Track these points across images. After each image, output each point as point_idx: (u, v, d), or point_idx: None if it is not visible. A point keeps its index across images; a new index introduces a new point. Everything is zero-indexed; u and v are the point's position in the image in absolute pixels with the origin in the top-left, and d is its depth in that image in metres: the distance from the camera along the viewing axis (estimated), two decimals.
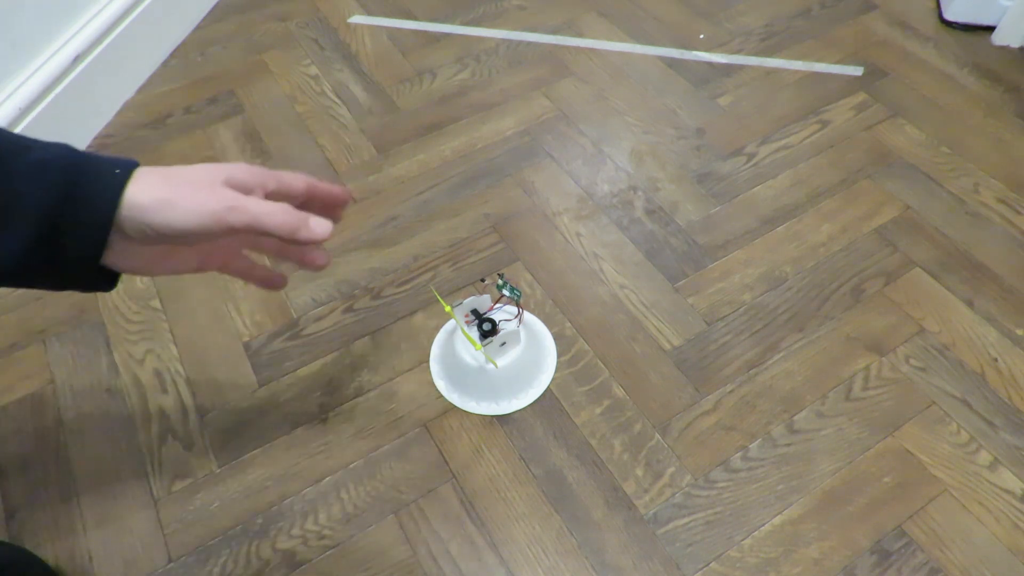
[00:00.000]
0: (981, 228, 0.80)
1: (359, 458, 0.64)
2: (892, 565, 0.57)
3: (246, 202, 0.41)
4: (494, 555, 0.59)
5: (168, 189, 0.40)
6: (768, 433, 0.65)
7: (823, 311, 0.73)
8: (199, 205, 0.39)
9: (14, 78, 0.82)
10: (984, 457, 0.63)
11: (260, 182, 0.44)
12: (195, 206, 0.39)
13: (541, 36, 1.06)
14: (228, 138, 0.93)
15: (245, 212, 0.40)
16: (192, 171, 0.42)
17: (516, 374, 0.66)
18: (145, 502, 0.62)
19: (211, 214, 0.40)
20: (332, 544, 0.59)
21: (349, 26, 1.09)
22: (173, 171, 0.41)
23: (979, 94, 0.95)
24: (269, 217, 0.41)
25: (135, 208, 0.39)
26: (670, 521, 0.60)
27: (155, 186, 0.39)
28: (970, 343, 0.70)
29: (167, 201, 0.39)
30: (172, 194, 0.39)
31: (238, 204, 0.40)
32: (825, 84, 0.97)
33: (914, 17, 1.06)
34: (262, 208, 0.41)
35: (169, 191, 0.39)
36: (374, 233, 0.81)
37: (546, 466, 0.63)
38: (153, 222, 0.39)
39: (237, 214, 0.40)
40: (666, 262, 0.78)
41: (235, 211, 0.40)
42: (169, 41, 1.06)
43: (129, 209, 0.39)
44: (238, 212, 0.40)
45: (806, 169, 0.86)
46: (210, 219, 0.40)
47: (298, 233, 0.42)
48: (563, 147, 0.90)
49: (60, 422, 0.67)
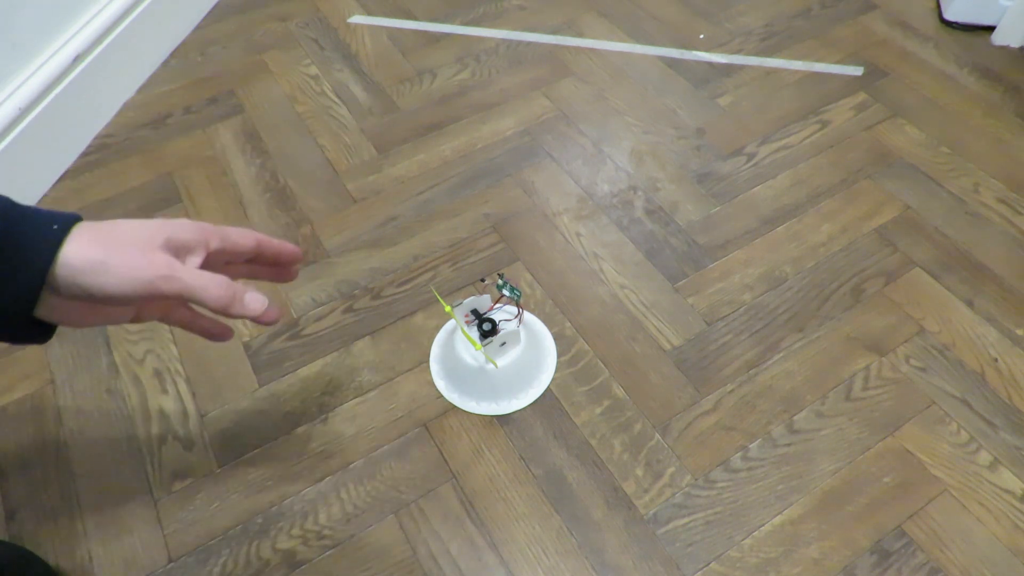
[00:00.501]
0: (981, 228, 0.80)
1: (359, 458, 0.64)
2: (892, 565, 0.57)
3: (180, 272, 0.41)
4: (494, 555, 0.59)
5: (103, 251, 0.39)
6: (768, 433, 0.65)
7: (823, 311, 0.73)
8: (132, 271, 0.39)
9: (14, 78, 0.82)
10: (984, 457, 0.63)
11: (203, 240, 0.44)
12: (127, 272, 0.39)
13: (541, 36, 1.06)
14: (228, 138, 0.93)
15: (178, 283, 0.40)
16: (132, 230, 0.41)
17: (516, 374, 0.66)
18: (145, 502, 0.62)
19: (143, 282, 0.39)
20: (332, 544, 0.59)
21: (349, 26, 1.09)
22: (111, 230, 0.40)
23: (979, 94, 0.95)
24: (202, 291, 0.41)
25: (67, 268, 0.38)
26: (670, 521, 0.60)
27: (90, 247, 0.39)
28: (970, 343, 0.70)
29: (100, 264, 0.39)
30: (106, 257, 0.39)
31: (172, 273, 0.40)
32: (825, 84, 0.97)
33: (914, 17, 1.06)
34: (195, 280, 0.41)
35: (103, 253, 0.39)
36: (374, 233, 0.81)
37: (546, 466, 0.63)
38: (84, 284, 0.39)
39: (169, 283, 0.40)
40: (666, 262, 0.78)
41: (168, 280, 0.40)
42: (169, 41, 1.06)
43: (61, 268, 0.38)
44: (171, 282, 0.40)
45: (806, 169, 0.86)
46: (141, 287, 0.39)
47: (231, 308, 0.43)
48: (563, 147, 0.90)
49: (60, 422, 0.67)
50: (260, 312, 0.44)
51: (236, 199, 0.85)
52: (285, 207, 0.84)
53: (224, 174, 0.88)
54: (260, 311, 0.44)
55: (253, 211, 0.84)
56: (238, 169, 0.89)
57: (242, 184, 0.87)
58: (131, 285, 0.39)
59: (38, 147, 0.85)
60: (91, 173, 0.89)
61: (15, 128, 0.81)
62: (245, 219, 0.83)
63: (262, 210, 0.84)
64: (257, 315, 0.44)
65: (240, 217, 0.83)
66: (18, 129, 0.81)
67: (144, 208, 0.85)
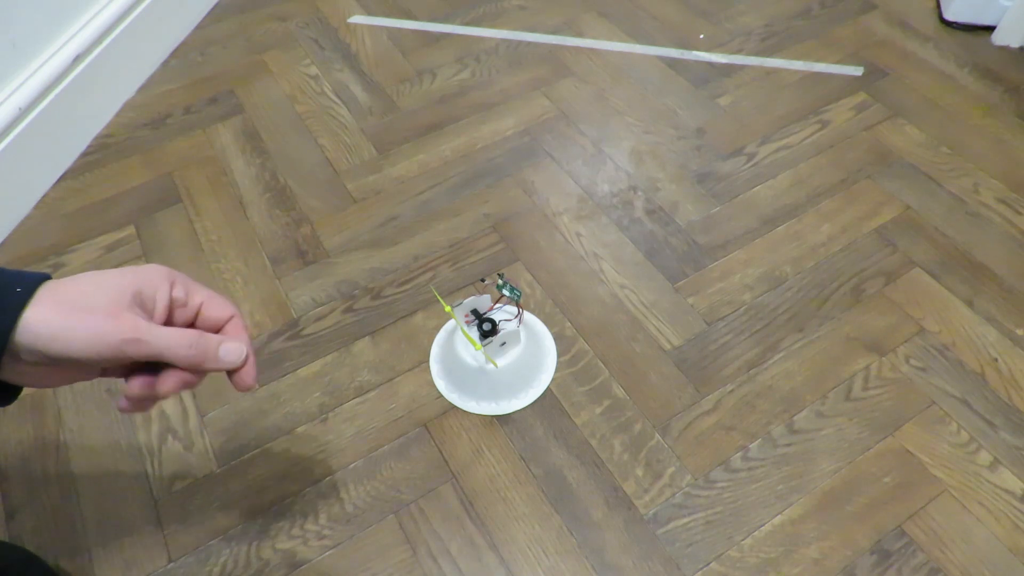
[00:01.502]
0: (981, 228, 0.80)
1: (359, 458, 0.64)
2: (892, 565, 0.57)
3: (148, 334, 0.39)
4: (494, 555, 0.59)
5: (67, 315, 0.38)
6: (768, 433, 0.65)
7: (823, 311, 0.73)
8: (98, 336, 0.38)
9: (14, 78, 0.82)
10: (984, 457, 0.63)
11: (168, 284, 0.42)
12: (93, 336, 0.37)
13: (541, 36, 1.06)
14: (228, 138, 0.93)
15: (145, 346, 0.39)
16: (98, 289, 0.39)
17: (516, 374, 0.66)
18: (145, 502, 0.62)
19: (109, 346, 0.38)
20: (332, 544, 0.59)
21: (349, 26, 1.09)
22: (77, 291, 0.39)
23: (979, 94, 0.95)
24: (171, 351, 0.40)
25: (29, 334, 0.37)
26: (670, 521, 0.60)
27: (53, 311, 0.37)
28: (970, 343, 0.70)
29: (65, 329, 0.37)
30: (71, 321, 0.37)
31: (139, 335, 0.39)
32: (825, 84, 0.97)
33: (914, 17, 1.06)
34: (162, 341, 0.39)
35: (68, 317, 0.37)
36: (374, 233, 0.81)
37: (546, 466, 0.63)
38: (48, 350, 0.37)
39: (137, 347, 0.39)
40: (666, 262, 0.78)
41: (135, 344, 0.38)
42: (169, 41, 1.06)
43: (23, 334, 0.37)
44: (138, 345, 0.39)
45: (806, 169, 0.86)
46: (108, 350, 0.38)
47: (204, 365, 0.41)
48: (563, 147, 0.90)
49: (60, 422, 0.67)
50: (238, 362, 0.42)
51: (236, 199, 0.85)
52: (285, 207, 0.84)
53: (224, 174, 0.88)
54: (238, 361, 0.42)
55: (253, 211, 0.84)
56: (238, 169, 0.89)
57: (242, 184, 0.87)
58: (96, 349, 0.38)
59: (38, 147, 0.85)
60: (91, 173, 0.89)
61: (15, 128, 0.81)
62: (245, 219, 0.83)
63: (262, 210, 0.84)
64: (236, 366, 0.42)
65: (240, 217, 0.83)
66: (18, 129, 0.81)
67: (144, 208, 0.85)
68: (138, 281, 0.40)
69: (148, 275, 0.41)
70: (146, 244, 0.81)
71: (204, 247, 0.81)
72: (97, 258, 0.80)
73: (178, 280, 0.43)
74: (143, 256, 0.80)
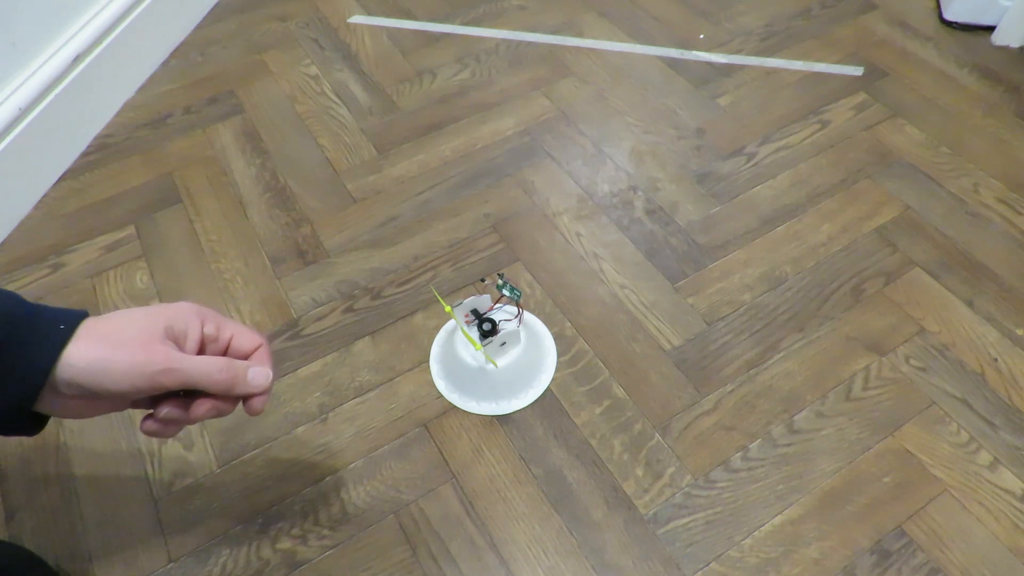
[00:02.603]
0: (981, 228, 0.80)
1: (359, 458, 0.64)
2: (892, 565, 0.57)
3: (180, 363, 0.41)
4: (494, 555, 0.59)
5: (105, 350, 0.40)
6: (768, 433, 0.65)
7: (823, 311, 0.73)
8: (133, 368, 0.40)
9: (14, 78, 0.82)
10: (984, 457, 0.63)
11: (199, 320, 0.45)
12: (129, 369, 0.40)
13: (541, 36, 1.06)
14: (228, 138, 0.93)
15: (180, 374, 0.41)
16: (132, 324, 0.42)
17: (516, 374, 0.66)
18: (145, 502, 0.62)
19: (144, 377, 0.40)
20: (332, 544, 0.59)
21: (349, 26, 1.09)
22: (112, 325, 0.41)
23: (979, 94, 0.95)
24: (204, 378, 0.42)
25: (69, 369, 0.39)
26: (670, 521, 0.60)
27: (93, 347, 0.40)
28: (970, 343, 0.70)
29: (102, 362, 0.39)
30: (108, 355, 0.40)
31: (172, 366, 0.41)
32: (825, 84, 0.97)
33: (914, 17, 1.06)
34: (197, 369, 0.42)
35: (106, 352, 0.40)
36: (374, 233, 0.81)
37: (546, 466, 0.63)
38: (86, 384, 0.39)
39: (171, 376, 0.41)
40: (666, 262, 0.78)
41: (169, 374, 0.41)
42: (169, 41, 1.06)
43: (63, 370, 0.39)
44: (173, 375, 0.41)
45: (806, 169, 0.86)
46: (143, 381, 0.40)
47: (235, 390, 0.44)
48: (563, 147, 0.90)
49: (60, 423, 0.67)
50: (266, 385, 0.45)
51: (236, 199, 0.85)
52: (285, 207, 0.84)
53: (224, 174, 0.88)
54: (265, 384, 0.45)
55: (253, 211, 0.84)
56: (238, 169, 0.89)
57: (242, 184, 0.87)
58: (131, 381, 0.40)
59: (38, 147, 0.85)
60: (91, 173, 0.89)
61: (15, 128, 0.81)
62: (245, 219, 0.83)
63: (262, 210, 0.84)
64: (263, 390, 0.45)
65: (240, 217, 0.83)
66: (18, 129, 0.81)
67: (144, 208, 0.85)
68: (169, 316, 0.43)
69: (178, 310, 0.44)
70: (146, 244, 0.81)
71: (204, 247, 0.81)
72: (97, 258, 0.80)
73: (208, 316, 0.46)
74: (143, 256, 0.80)
